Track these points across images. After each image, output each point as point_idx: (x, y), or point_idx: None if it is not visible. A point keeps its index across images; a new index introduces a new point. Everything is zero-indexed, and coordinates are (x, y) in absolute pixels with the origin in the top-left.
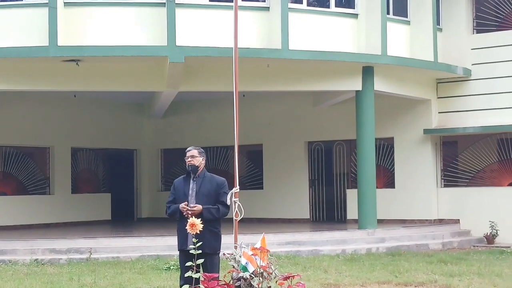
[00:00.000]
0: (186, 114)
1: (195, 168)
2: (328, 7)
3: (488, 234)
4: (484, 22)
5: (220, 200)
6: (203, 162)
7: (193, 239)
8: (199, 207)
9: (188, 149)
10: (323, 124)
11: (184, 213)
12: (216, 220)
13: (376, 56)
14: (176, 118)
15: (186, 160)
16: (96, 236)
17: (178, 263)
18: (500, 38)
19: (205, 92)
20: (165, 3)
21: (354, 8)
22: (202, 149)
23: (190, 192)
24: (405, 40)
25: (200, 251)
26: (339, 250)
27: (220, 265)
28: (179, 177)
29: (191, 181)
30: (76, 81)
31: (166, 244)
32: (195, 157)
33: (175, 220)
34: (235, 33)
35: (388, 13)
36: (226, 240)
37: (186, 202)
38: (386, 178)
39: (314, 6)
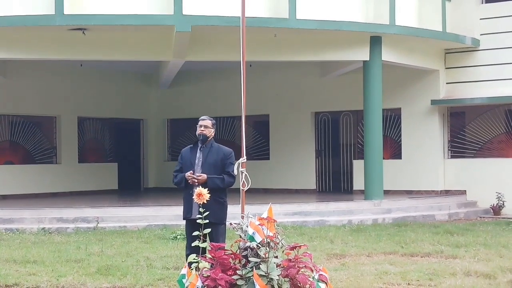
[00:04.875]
0: (192, 84)
1: (205, 138)
2: None
3: (495, 205)
4: None
5: (226, 170)
6: (213, 133)
7: (200, 208)
8: (203, 176)
9: (202, 117)
10: (330, 95)
11: (189, 181)
12: (221, 190)
13: (384, 26)
14: (182, 88)
15: (198, 129)
16: (103, 205)
17: (185, 232)
18: (509, 8)
19: (212, 62)
20: None
21: None
22: (214, 121)
23: (197, 161)
24: (413, 10)
25: (207, 221)
26: (345, 220)
27: (226, 235)
28: (186, 147)
29: (198, 150)
30: (82, 50)
31: (172, 214)
32: (208, 128)
33: (181, 189)
34: (242, 2)
35: None
36: (233, 210)
37: (191, 171)
38: (393, 149)
39: None
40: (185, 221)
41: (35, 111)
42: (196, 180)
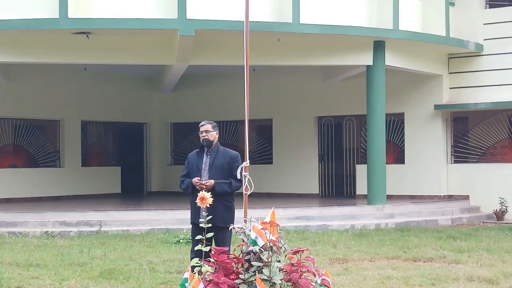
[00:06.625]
0: (196, 88)
1: (210, 143)
2: None
3: (498, 210)
4: None
5: (233, 174)
6: (217, 136)
7: (203, 212)
8: (211, 182)
9: (201, 123)
10: (333, 99)
11: (197, 187)
12: (229, 194)
13: (387, 31)
14: (186, 92)
15: (200, 135)
16: (106, 209)
17: (188, 236)
18: None
19: (215, 66)
20: None
21: None
22: (215, 123)
23: (203, 166)
24: (417, 15)
25: (210, 225)
26: (348, 225)
27: (232, 239)
28: (193, 151)
29: (205, 155)
30: (86, 54)
31: (175, 218)
32: (209, 132)
33: (188, 194)
34: (246, 6)
35: None
36: (236, 214)
37: (198, 177)
38: (396, 154)
39: None
40: (191, 225)
41: (39, 115)
42: (204, 186)
